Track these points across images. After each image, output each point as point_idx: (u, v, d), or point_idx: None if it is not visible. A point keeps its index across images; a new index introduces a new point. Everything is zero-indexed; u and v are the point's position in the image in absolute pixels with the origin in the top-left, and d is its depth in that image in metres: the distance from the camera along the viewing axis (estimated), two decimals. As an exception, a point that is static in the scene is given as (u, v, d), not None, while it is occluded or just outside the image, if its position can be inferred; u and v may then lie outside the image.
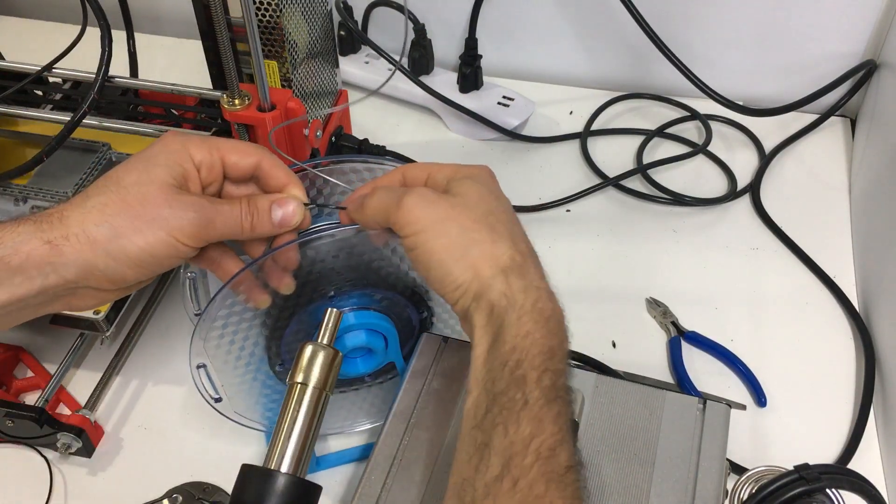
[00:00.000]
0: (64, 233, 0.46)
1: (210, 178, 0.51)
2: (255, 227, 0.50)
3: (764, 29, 0.94)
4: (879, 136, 0.85)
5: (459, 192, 0.48)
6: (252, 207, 0.50)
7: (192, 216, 0.47)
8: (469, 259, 0.46)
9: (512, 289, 0.45)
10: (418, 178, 0.53)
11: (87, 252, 0.46)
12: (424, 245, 0.47)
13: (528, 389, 0.42)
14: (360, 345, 0.60)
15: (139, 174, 0.48)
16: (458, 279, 0.46)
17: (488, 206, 0.48)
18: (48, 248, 0.46)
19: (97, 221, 0.46)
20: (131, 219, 0.47)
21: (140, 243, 0.47)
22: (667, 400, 0.57)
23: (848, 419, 0.68)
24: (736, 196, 0.88)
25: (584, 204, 0.88)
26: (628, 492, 0.52)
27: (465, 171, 0.51)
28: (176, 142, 0.50)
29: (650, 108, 1.00)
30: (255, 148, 0.53)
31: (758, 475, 0.52)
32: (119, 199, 0.47)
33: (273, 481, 0.45)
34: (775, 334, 0.75)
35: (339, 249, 0.56)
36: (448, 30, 1.00)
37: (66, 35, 0.75)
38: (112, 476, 0.66)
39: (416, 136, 0.97)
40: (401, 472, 0.53)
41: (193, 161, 0.50)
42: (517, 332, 0.44)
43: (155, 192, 0.47)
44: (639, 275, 0.80)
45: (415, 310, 0.62)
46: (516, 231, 0.48)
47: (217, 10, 0.61)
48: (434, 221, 0.47)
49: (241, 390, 0.62)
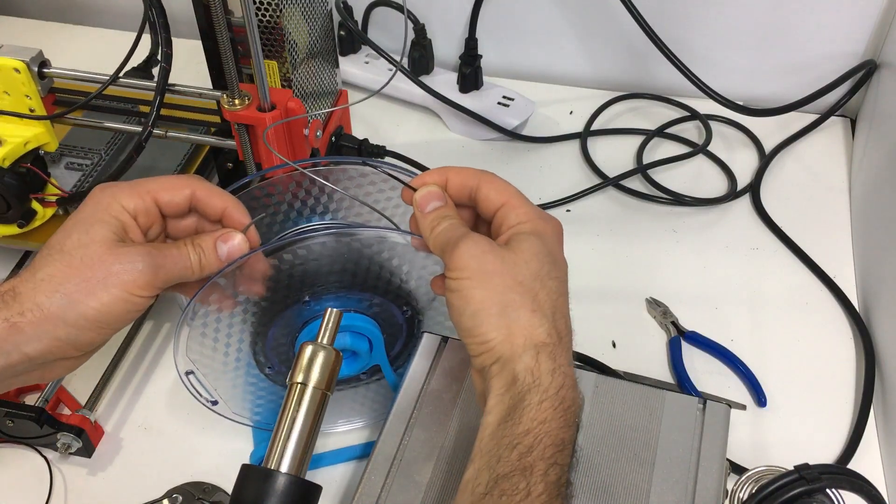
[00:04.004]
0: (19, 309, 0.46)
1: (148, 222, 0.51)
2: (203, 267, 0.50)
3: (764, 29, 0.94)
4: (879, 136, 0.85)
5: (518, 248, 0.47)
6: (197, 248, 0.50)
7: (140, 266, 0.47)
8: (504, 320, 0.45)
9: (540, 368, 0.44)
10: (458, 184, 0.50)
11: (46, 324, 0.46)
12: (465, 291, 0.45)
13: (534, 481, 0.41)
14: (344, 347, 0.59)
15: (79, 236, 0.48)
16: (488, 335, 0.45)
17: (540, 270, 0.46)
18: (6, 326, 0.45)
19: (49, 293, 0.46)
20: (82, 283, 0.46)
21: (96, 305, 0.46)
22: (667, 400, 0.57)
23: (848, 419, 0.68)
24: (736, 196, 0.88)
25: (584, 204, 0.88)
26: (628, 492, 0.52)
27: (532, 225, 0.48)
28: (105, 195, 0.50)
29: (650, 108, 1.00)
30: (186, 179, 0.52)
31: (758, 475, 0.52)
32: (65, 266, 0.47)
33: (273, 481, 0.45)
34: (775, 334, 0.75)
35: (321, 254, 0.56)
36: (448, 30, 1.00)
37: (66, 35, 0.75)
38: (112, 476, 0.66)
39: (416, 136, 0.97)
40: (401, 472, 0.53)
41: (127, 211, 0.49)
42: (536, 416, 0.42)
43: (98, 250, 0.47)
44: (639, 275, 0.80)
45: (398, 309, 0.61)
46: (559, 305, 0.47)
47: (217, 10, 0.61)
48: (481, 272, 0.45)
49: (234, 393, 0.62)
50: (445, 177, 0.51)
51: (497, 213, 0.49)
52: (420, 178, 0.51)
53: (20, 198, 0.69)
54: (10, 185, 0.68)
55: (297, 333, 0.59)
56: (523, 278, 0.45)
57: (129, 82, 0.71)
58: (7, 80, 0.68)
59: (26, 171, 0.70)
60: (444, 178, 0.51)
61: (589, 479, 0.53)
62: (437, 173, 0.51)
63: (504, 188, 0.50)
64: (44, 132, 0.71)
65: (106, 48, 0.96)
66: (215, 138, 0.75)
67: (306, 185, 0.59)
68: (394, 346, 0.63)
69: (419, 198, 0.50)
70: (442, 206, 0.49)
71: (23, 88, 0.68)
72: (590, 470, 0.53)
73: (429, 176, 0.51)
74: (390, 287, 0.59)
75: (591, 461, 0.53)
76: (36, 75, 0.68)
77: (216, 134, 0.77)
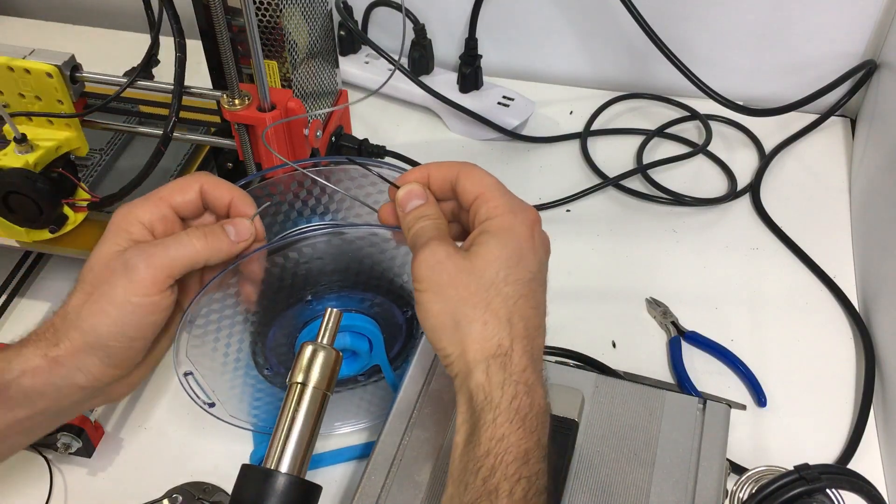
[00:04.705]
0: (56, 343, 0.47)
1: (167, 228, 0.51)
2: (212, 248, 0.50)
3: (764, 29, 0.94)
4: (879, 136, 0.85)
5: (475, 253, 0.46)
6: (202, 231, 0.50)
7: (138, 265, 0.47)
8: (458, 334, 0.44)
9: (491, 383, 0.43)
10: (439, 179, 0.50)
11: (80, 354, 0.47)
12: (423, 304, 0.45)
13: (499, 503, 0.41)
14: (344, 347, 0.59)
15: (92, 261, 0.49)
16: (446, 349, 0.45)
17: (495, 275, 0.45)
18: (48, 362, 0.47)
19: (74, 323, 0.47)
20: (93, 304, 0.47)
21: (108, 321, 0.47)
22: (667, 400, 0.57)
23: (848, 419, 0.68)
24: (736, 196, 0.88)
25: (584, 204, 0.88)
26: (628, 492, 0.52)
27: (499, 221, 0.47)
28: (120, 213, 0.50)
29: (650, 108, 1.00)
30: (193, 176, 0.52)
31: (758, 475, 0.52)
32: (81, 293, 0.48)
33: (273, 481, 0.45)
34: (775, 334, 0.75)
35: (324, 252, 0.56)
36: (448, 30, 1.00)
37: (66, 35, 0.75)
38: (112, 476, 0.66)
39: (416, 136, 0.97)
40: (401, 472, 0.53)
41: (143, 223, 0.50)
42: (492, 434, 0.42)
43: (101, 268, 0.48)
44: (639, 275, 0.80)
45: (399, 309, 0.61)
46: (518, 307, 0.45)
47: (217, 10, 0.61)
48: (437, 284, 0.45)
49: (232, 395, 0.62)
50: (427, 173, 0.50)
51: (472, 206, 0.49)
52: (404, 177, 0.51)
53: (52, 203, 0.67)
54: (43, 190, 0.66)
55: (297, 334, 0.59)
56: (476, 288, 0.45)
57: (147, 84, 0.70)
58: (39, 85, 0.67)
59: (58, 176, 0.69)
60: (426, 175, 0.50)
61: (589, 479, 0.53)
62: (419, 171, 0.51)
63: (480, 179, 0.49)
64: (75, 136, 0.70)
65: (106, 48, 0.96)
66: (215, 138, 0.75)
67: (307, 185, 0.59)
68: (393, 347, 0.63)
69: (401, 196, 0.50)
70: (422, 205, 0.49)
71: (55, 93, 0.67)
72: (590, 470, 0.53)
73: (411, 174, 0.51)
74: (392, 287, 0.59)
75: (591, 461, 0.53)
76: (68, 79, 0.67)
77: (216, 134, 0.77)
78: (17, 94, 0.68)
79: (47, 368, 0.47)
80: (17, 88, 0.67)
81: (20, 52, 0.67)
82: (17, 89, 0.67)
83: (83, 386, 0.48)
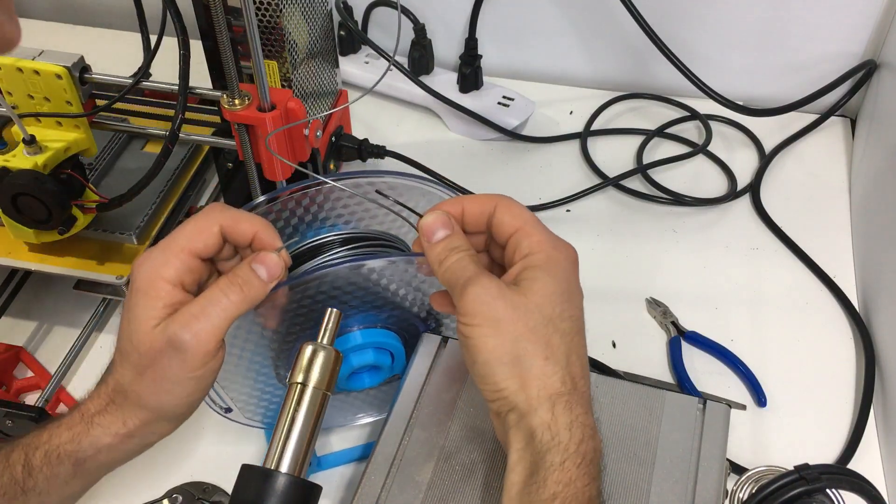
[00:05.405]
0: (123, 419, 0.50)
1: (194, 278, 0.50)
2: (249, 296, 0.49)
3: (764, 29, 0.94)
4: (879, 136, 0.85)
5: (527, 288, 0.45)
6: (234, 280, 0.49)
7: (186, 344, 0.47)
8: (517, 369, 0.44)
9: (557, 423, 0.43)
10: (475, 212, 0.49)
11: (148, 426, 0.50)
12: (475, 339, 0.44)
13: None
14: (368, 363, 0.60)
15: (131, 332, 0.48)
16: (500, 384, 0.44)
17: (553, 311, 0.45)
18: (119, 438, 0.50)
19: (135, 400, 0.49)
20: (152, 384, 0.49)
21: (174, 401, 0.49)
22: (667, 400, 0.57)
23: (848, 419, 0.68)
24: (736, 196, 0.88)
25: (584, 204, 0.88)
26: (628, 492, 0.52)
27: (544, 256, 0.46)
28: (144, 275, 0.49)
29: (650, 108, 1.00)
30: (209, 215, 0.51)
31: (758, 475, 0.52)
32: (133, 371, 0.49)
33: (273, 481, 0.45)
34: (775, 334, 0.75)
35: (346, 277, 0.56)
36: (448, 30, 1.00)
37: (66, 35, 0.75)
38: (112, 476, 0.65)
39: (416, 136, 0.97)
40: (401, 472, 0.53)
41: (171, 283, 0.48)
42: (560, 478, 0.42)
43: (147, 347, 0.48)
44: (639, 275, 0.80)
45: (422, 322, 0.62)
46: (574, 345, 0.45)
47: (217, 10, 0.61)
48: (492, 320, 0.44)
49: (249, 402, 0.63)
50: (461, 207, 0.49)
51: (510, 240, 0.48)
52: (433, 209, 0.49)
53: (61, 204, 0.67)
54: (52, 191, 0.65)
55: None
56: (535, 324, 0.44)
57: (152, 84, 0.70)
58: (48, 86, 0.67)
59: (66, 177, 0.68)
60: (460, 209, 0.49)
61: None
62: (452, 203, 0.49)
63: (519, 213, 0.48)
64: (84, 137, 0.69)
65: (106, 48, 0.96)
66: (215, 138, 0.75)
67: (311, 194, 0.59)
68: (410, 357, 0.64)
69: (424, 226, 0.48)
70: (450, 236, 0.48)
71: (64, 94, 0.67)
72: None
73: (445, 205, 0.49)
74: (415, 303, 0.60)
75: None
76: (77, 81, 0.67)
77: (216, 134, 0.77)
78: (26, 96, 0.68)
79: (120, 443, 0.50)
80: (27, 90, 0.67)
81: (29, 54, 0.66)
82: (26, 90, 0.67)
83: (151, 443, 0.52)
